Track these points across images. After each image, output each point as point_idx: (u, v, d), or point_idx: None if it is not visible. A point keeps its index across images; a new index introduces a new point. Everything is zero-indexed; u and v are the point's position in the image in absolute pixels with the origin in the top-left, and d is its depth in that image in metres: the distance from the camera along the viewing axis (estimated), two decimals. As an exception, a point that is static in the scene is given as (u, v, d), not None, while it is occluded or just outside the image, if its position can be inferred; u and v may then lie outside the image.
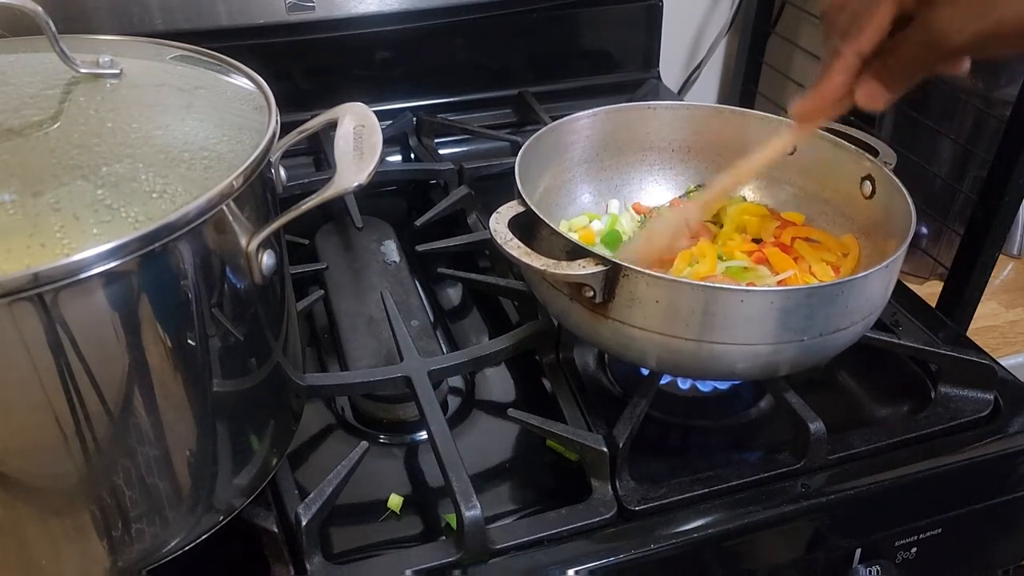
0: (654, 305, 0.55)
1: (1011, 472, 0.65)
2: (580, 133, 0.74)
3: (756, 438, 0.67)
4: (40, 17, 0.48)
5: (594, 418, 0.63)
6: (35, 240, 0.38)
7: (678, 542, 0.56)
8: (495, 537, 0.55)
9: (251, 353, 0.49)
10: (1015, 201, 0.86)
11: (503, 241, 0.57)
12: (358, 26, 0.95)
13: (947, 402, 0.67)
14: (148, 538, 0.47)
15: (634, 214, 0.76)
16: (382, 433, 0.66)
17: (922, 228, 1.05)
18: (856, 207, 0.70)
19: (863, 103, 0.55)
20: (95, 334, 0.40)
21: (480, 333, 0.77)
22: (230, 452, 0.49)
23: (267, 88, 0.52)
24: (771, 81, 1.22)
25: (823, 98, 0.56)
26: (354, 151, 0.49)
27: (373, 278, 0.77)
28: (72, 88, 0.50)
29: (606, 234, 0.72)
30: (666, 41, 1.12)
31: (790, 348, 0.56)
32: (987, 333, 1.00)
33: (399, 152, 1.00)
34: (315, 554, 0.53)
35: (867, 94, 0.54)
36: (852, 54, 0.53)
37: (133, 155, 0.45)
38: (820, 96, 0.56)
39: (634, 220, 0.75)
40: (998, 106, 0.94)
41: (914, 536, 0.63)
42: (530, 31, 1.03)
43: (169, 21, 0.87)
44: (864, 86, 0.54)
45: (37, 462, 0.42)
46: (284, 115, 0.49)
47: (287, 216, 0.47)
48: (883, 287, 0.59)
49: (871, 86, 0.54)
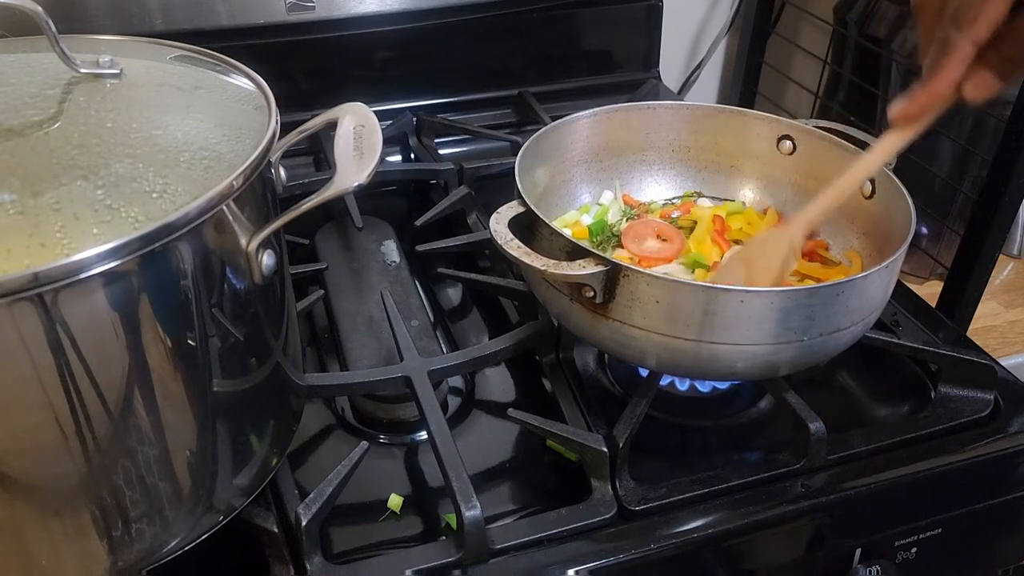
0: (654, 305, 0.55)
1: (1011, 472, 0.65)
2: (580, 133, 0.74)
3: (756, 438, 0.67)
4: (40, 17, 0.48)
5: (594, 418, 0.63)
6: (35, 240, 0.38)
7: (678, 542, 0.56)
8: (495, 537, 0.55)
9: (251, 353, 0.49)
10: (1015, 201, 0.86)
11: (503, 241, 0.57)
12: (358, 26, 0.95)
13: (947, 402, 0.67)
14: (148, 538, 0.47)
15: (622, 204, 0.76)
16: (382, 433, 0.66)
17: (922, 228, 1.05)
18: (856, 207, 0.70)
19: (972, 95, 0.51)
20: (95, 334, 0.40)
21: (480, 333, 0.77)
22: (230, 452, 0.49)
23: (267, 88, 0.52)
24: (771, 81, 1.22)
25: (934, 95, 0.52)
26: (354, 151, 0.49)
27: (373, 278, 0.77)
28: (72, 88, 0.50)
29: (592, 224, 0.72)
30: (666, 41, 1.12)
31: (790, 348, 0.56)
32: (987, 333, 1.00)
33: (399, 152, 1.00)
34: (315, 554, 0.53)
35: (978, 85, 0.50)
36: (968, 43, 0.49)
37: (133, 155, 0.45)
38: (931, 93, 0.52)
39: (623, 211, 0.75)
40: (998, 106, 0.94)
41: (914, 536, 0.63)
42: (530, 31, 1.03)
43: (169, 21, 0.87)
44: (975, 77, 0.50)
45: (37, 462, 0.42)
46: (284, 115, 0.49)
47: (287, 216, 0.47)
48: (883, 287, 0.59)
49: (983, 76, 0.50)
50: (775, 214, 0.75)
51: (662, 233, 0.71)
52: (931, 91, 0.52)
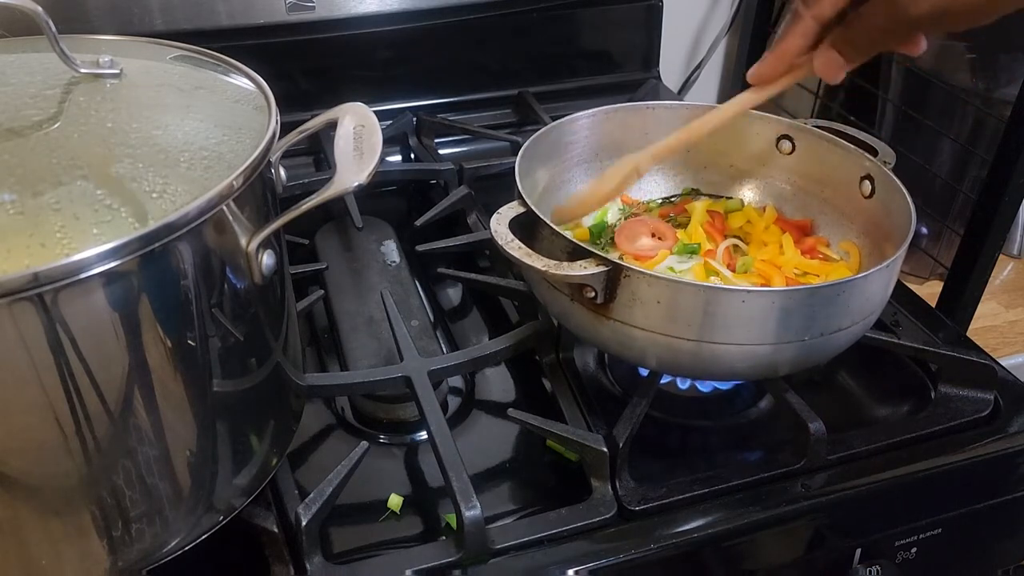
0: (655, 305, 0.55)
1: (1011, 472, 0.65)
2: (580, 133, 0.74)
3: (756, 438, 0.67)
4: (40, 17, 0.48)
5: (594, 418, 0.63)
6: (35, 240, 0.38)
7: (678, 542, 0.56)
8: (495, 537, 0.55)
9: (251, 353, 0.49)
10: (1015, 201, 0.86)
11: (504, 242, 0.57)
12: (358, 26, 0.95)
13: (947, 402, 0.67)
14: (148, 538, 0.47)
15: (620, 203, 0.76)
16: (382, 433, 0.66)
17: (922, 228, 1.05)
18: (856, 207, 0.70)
19: (820, 72, 0.56)
20: (95, 334, 0.40)
21: (480, 333, 0.77)
22: (230, 452, 0.49)
23: (267, 88, 0.52)
24: (771, 81, 1.21)
25: (779, 60, 0.58)
26: (354, 151, 0.48)
27: (373, 278, 0.77)
28: (72, 88, 0.50)
29: (593, 224, 0.73)
30: (666, 41, 1.12)
31: (790, 348, 0.56)
32: (987, 333, 1.00)
33: (399, 152, 1.00)
34: (315, 554, 0.53)
35: (824, 63, 0.56)
36: (811, 18, 0.55)
37: (133, 155, 0.45)
38: (776, 58, 0.58)
39: (621, 210, 0.75)
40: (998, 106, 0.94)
41: (914, 536, 0.63)
42: (530, 31, 1.03)
43: (169, 21, 0.87)
44: (822, 54, 0.56)
45: (37, 462, 0.42)
46: (284, 115, 0.49)
47: (287, 216, 0.47)
48: (883, 287, 0.59)
49: (829, 55, 0.55)
50: (773, 211, 0.75)
51: (657, 231, 0.71)
52: (776, 55, 0.58)
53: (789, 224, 0.73)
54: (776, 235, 0.72)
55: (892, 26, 0.53)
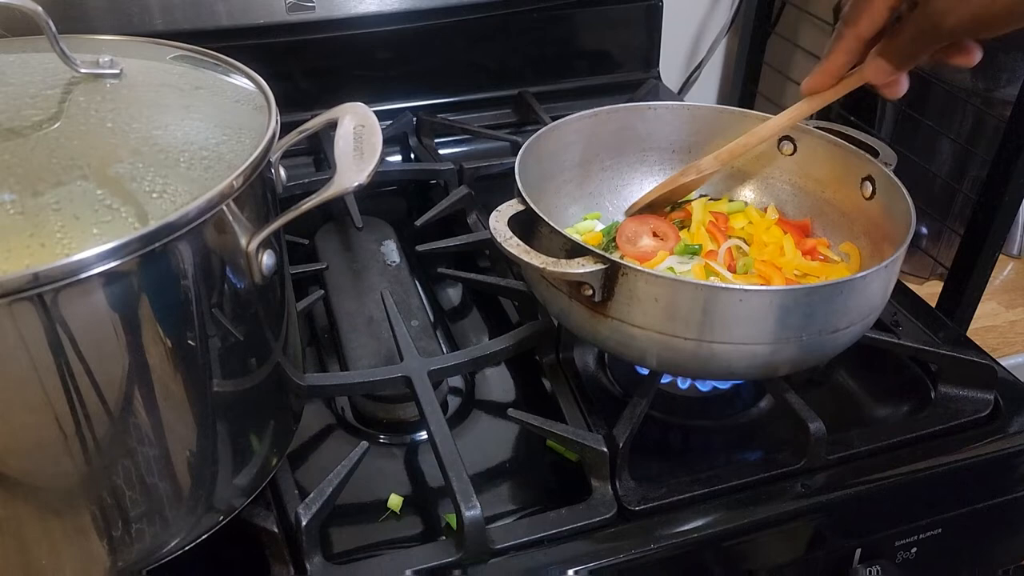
0: (653, 304, 0.55)
1: (1011, 472, 0.65)
2: (580, 133, 0.74)
3: (756, 438, 0.67)
4: (40, 17, 0.48)
5: (594, 418, 0.63)
6: (35, 240, 0.38)
7: (678, 542, 0.56)
8: (495, 537, 0.55)
9: (251, 353, 0.49)
10: (1015, 201, 0.86)
11: (503, 239, 0.57)
12: (358, 26, 0.95)
13: (947, 402, 0.67)
14: (148, 538, 0.47)
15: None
16: (382, 433, 0.66)
17: (922, 228, 1.05)
18: (856, 207, 0.70)
19: (872, 78, 0.60)
20: (95, 334, 0.40)
21: (480, 333, 0.77)
22: (230, 452, 0.49)
23: (267, 88, 0.52)
24: (771, 81, 1.22)
25: (828, 74, 0.62)
26: (354, 151, 0.48)
27: (373, 278, 0.77)
28: (72, 88, 0.50)
29: (604, 228, 0.73)
30: (666, 41, 1.12)
31: (790, 347, 0.56)
32: (987, 333, 1.00)
33: (399, 152, 1.00)
34: (315, 554, 0.53)
35: (875, 71, 0.60)
36: (852, 37, 0.60)
37: (133, 155, 0.45)
38: (825, 72, 0.63)
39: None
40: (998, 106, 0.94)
41: (914, 536, 0.63)
42: (530, 31, 1.03)
43: (169, 21, 0.87)
44: (872, 63, 0.60)
45: (37, 462, 0.42)
46: (284, 115, 0.49)
47: (287, 216, 0.47)
48: (883, 287, 0.59)
49: (878, 63, 0.59)
50: (776, 212, 0.75)
51: (658, 230, 0.71)
52: (824, 71, 0.63)
53: (790, 225, 0.73)
54: (777, 236, 0.72)
55: (930, 39, 0.56)
